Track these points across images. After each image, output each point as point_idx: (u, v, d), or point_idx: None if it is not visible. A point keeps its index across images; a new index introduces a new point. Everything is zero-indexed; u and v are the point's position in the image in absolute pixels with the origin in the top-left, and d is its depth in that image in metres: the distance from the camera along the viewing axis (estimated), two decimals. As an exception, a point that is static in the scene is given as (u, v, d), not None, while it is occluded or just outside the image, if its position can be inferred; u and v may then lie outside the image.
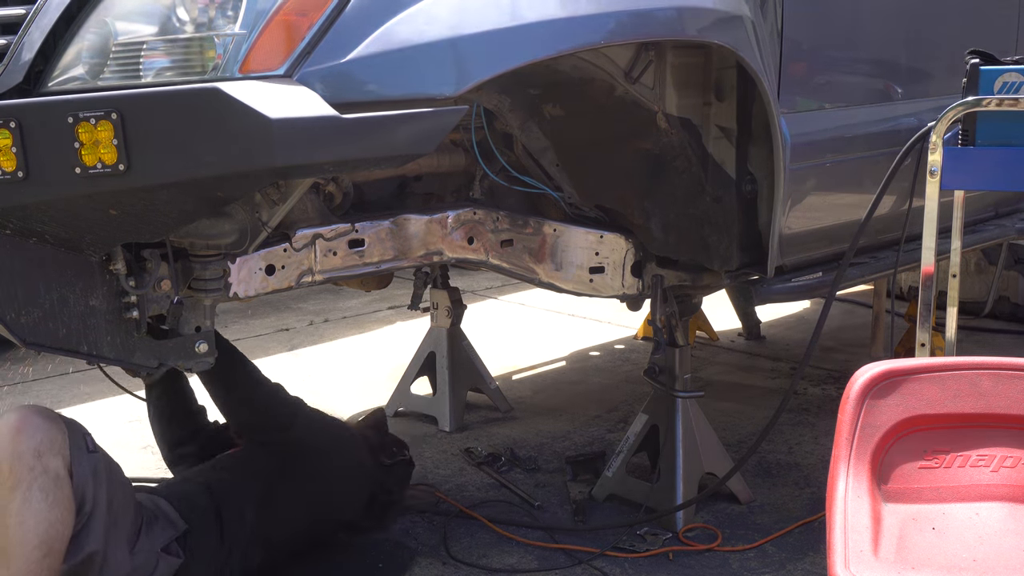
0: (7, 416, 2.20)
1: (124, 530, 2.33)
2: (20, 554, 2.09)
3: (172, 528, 2.47)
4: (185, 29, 1.95)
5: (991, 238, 3.75)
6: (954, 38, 3.33)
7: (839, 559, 1.90)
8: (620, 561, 2.88)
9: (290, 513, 2.70)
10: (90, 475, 2.23)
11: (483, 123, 2.97)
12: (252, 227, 2.42)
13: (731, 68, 2.77)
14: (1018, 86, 2.73)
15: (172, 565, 2.44)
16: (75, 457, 2.21)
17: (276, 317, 5.55)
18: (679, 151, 2.84)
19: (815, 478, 3.38)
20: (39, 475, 2.12)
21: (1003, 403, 2.08)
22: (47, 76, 1.99)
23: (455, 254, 2.96)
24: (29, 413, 2.21)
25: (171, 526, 2.48)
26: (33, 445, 2.14)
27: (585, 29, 2.28)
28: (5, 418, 2.20)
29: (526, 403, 4.15)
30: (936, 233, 2.78)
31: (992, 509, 2.02)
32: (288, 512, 2.70)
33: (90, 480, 2.22)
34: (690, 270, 3.02)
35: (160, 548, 2.42)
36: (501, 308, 5.71)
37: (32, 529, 2.10)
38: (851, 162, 3.12)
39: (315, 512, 2.76)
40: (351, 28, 1.98)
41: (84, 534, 2.21)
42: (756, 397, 4.19)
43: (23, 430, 2.16)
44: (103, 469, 2.28)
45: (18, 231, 2.06)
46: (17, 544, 2.09)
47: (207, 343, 2.40)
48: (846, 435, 2.06)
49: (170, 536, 2.46)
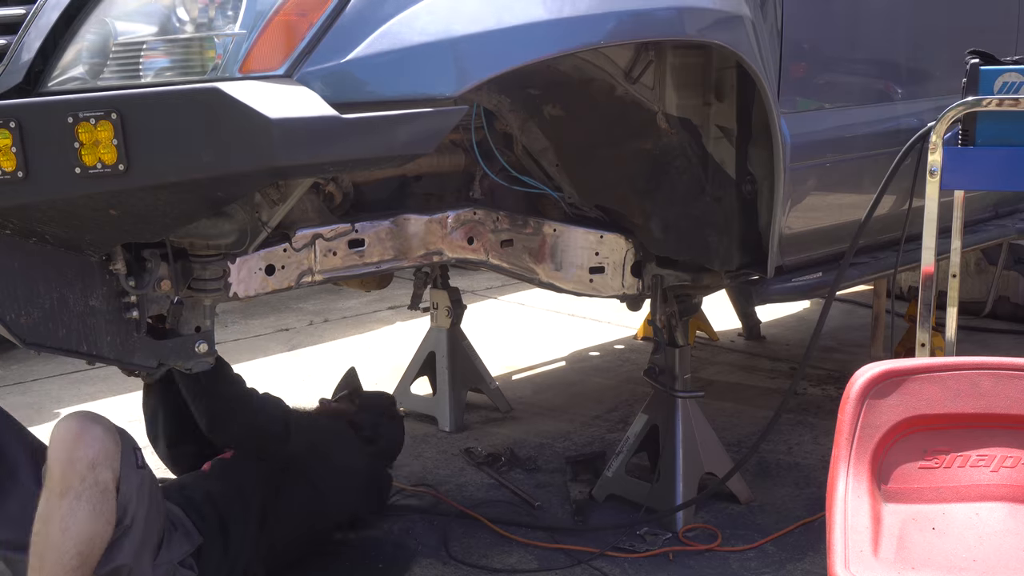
0: (68, 421, 2.20)
1: (151, 543, 2.34)
2: (56, 560, 2.10)
3: (188, 542, 2.48)
4: (185, 29, 1.95)
5: (991, 238, 3.75)
6: (954, 38, 3.33)
7: (839, 559, 1.90)
8: (620, 561, 2.88)
9: (291, 520, 2.71)
10: (135, 491, 2.23)
11: (483, 123, 2.97)
12: (252, 227, 2.42)
13: (731, 68, 2.76)
14: (1018, 86, 2.73)
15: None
16: (125, 472, 2.22)
17: (276, 317, 5.55)
18: (679, 151, 2.84)
19: (815, 478, 3.38)
20: (89, 486, 2.13)
21: (1003, 403, 2.08)
22: (47, 76, 1.99)
23: (455, 254, 2.96)
24: (89, 422, 2.20)
25: (188, 539, 2.48)
26: (90, 456, 2.14)
27: (585, 29, 2.28)
28: (66, 422, 2.19)
29: (526, 403, 4.15)
30: (936, 233, 2.78)
31: (992, 509, 2.02)
32: (289, 519, 2.70)
33: (134, 496, 2.23)
34: (690, 270, 3.02)
35: (177, 561, 2.43)
36: (501, 308, 5.71)
37: (73, 538, 2.11)
38: (851, 162, 3.12)
39: (316, 515, 2.76)
40: (351, 28, 1.97)
41: (117, 547, 2.22)
42: (756, 397, 4.19)
43: (82, 438, 2.16)
44: (147, 486, 2.28)
45: (18, 231, 2.06)
46: (55, 550, 2.10)
47: (207, 343, 2.40)
48: (846, 435, 2.06)
49: (186, 551, 2.46)
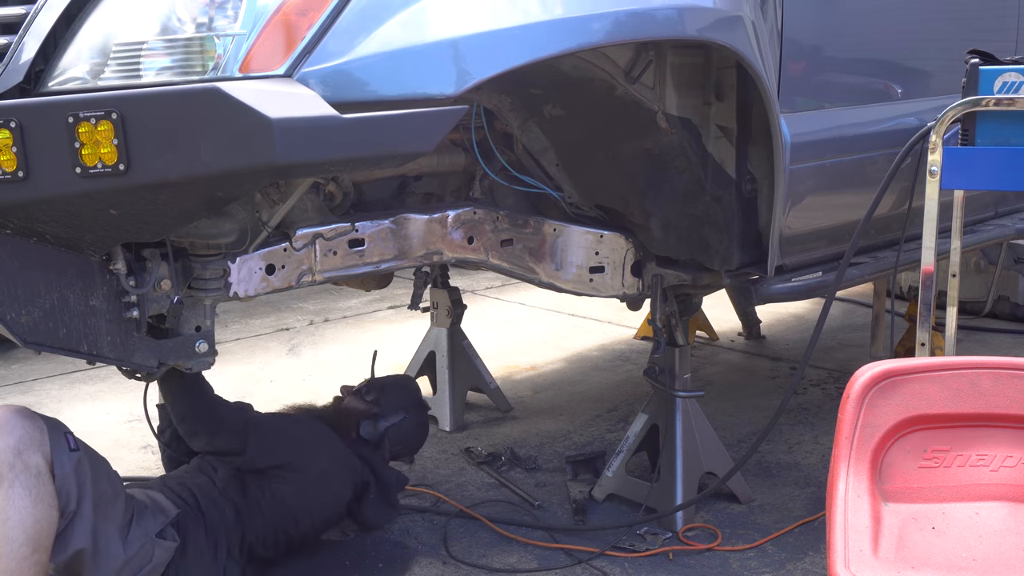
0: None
1: (114, 522, 2.33)
2: (7, 551, 2.09)
3: (163, 514, 2.49)
4: (185, 29, 1.95)
5: (991, 238, 3.75)
6: (954, 38, 3.33)
7: (839, 559, 1.90)
8: (620, 561, 2.88)
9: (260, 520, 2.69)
10: (72, 472, 2.22)
11: (483, 123, 2.97)
12: (252, 227, 2.42)
13: (731, 68, 2.77)
14: (1018, 86, 2.73)
15: (169, 549, 2.46)
16: (56, 455, 2.21)
17: (276, 317, 5.55)
18: (679, 151, 2.84)
19: (815, 478, 3.39)
20: (20, 472, 2.12)
21: (1003, 403, 2.08)
22: (47, 76, 1.99)
23: (455, 254, 2.96)
24: (6, 412, 2.20)
25: (162, 512, 2.49)
26: (12, 442, 2.14)
27: (585, 29, 2.28)
28: None
29: (526, 403, 4.15)
30: (936, 233, 2.78)
31: (992, 509, 2.02)
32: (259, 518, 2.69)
33: (72, 477, 2.22)
34: (690, 270, 3.01)
35: (154, 534, 2.43)
36: (501, 308, 5.71)
37: (17, 525, 2.10)
38: (851, 162, 3.12)
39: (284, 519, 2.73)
40: (351, 28, 1.98)
41: (70, 532, 2.21)
42: (756, 397, 4.19)
43: (2, 428, 2.15)
44: (87, 465, 2.27)
45: (18, 231, 2.06)
46: (3, 541, 2.09)
47: (207, 343, 2.40)
48: (846, 435, 2.06)
49: (162, 522, 2.47)
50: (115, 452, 3.53)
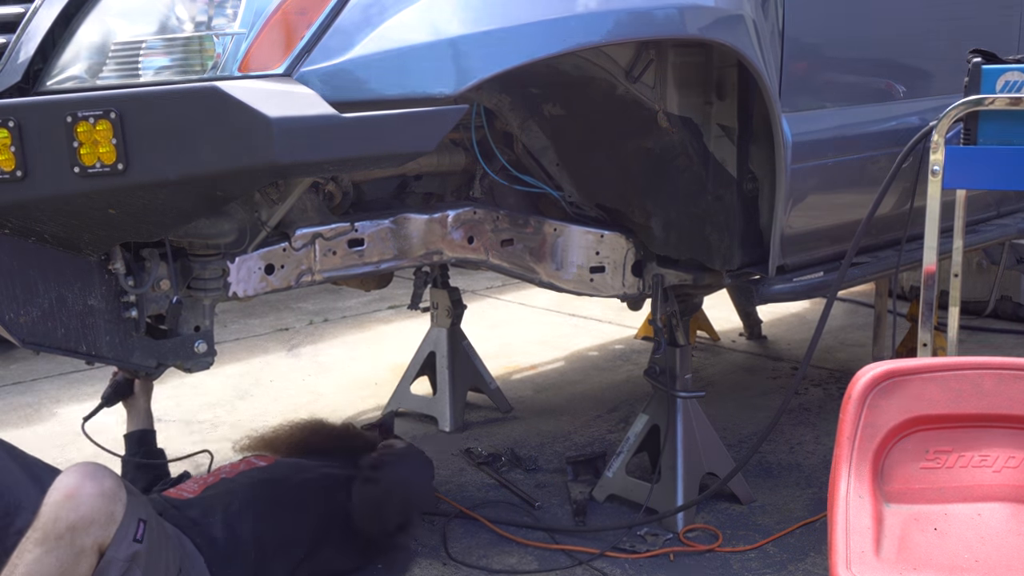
0: (71, 473, 2.13)
1: None
2: None
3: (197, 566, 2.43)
4: (184, 28, 1.95)
5: (993, 237, 3.74)
6: (956, 37, 3.32)
7: (841, 560, 1.89)
8: (620, 562, 2.88)
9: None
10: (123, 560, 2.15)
11: (483, 122, 2.96)
12: (251, 226, 2.41)
13: (732, 67, 2.76)
14: (1020, 85, 2.72)
15: None
16: (115, 542, 2.14)
17: (276, 317, 5.55)
18: (680, 150, 2.84)
19: (816, 478, 3.38)
20: (64, 546, 2.07)
21: (1005, 403, 2.07)
22: (46, 75, 1.99)
23: (455, 254, 2.95)
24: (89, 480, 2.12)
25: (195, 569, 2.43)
26: (72, 519, 2.08)
27: (585, 28, 2.27)
28: (68, 474, 2.12)
29: (526, 403, 4.14)
30: (938, 232, 2.78)
31: (994, 509, 2.02)
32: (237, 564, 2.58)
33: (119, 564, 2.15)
34: (691, 269, 3.01)
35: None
36: (501, 308, 5.70)
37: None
38: (853, 161, 3.11)
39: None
40: (351, 27, 1.97)
41: None
42: (757, 397, 4.18)
43: (73, 498, 2.09)
44: (142, 559, 2.20)
45: (17, 230, 2.05)
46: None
47: (206, 343, 2.40)
48: (848, 435, 2.06)
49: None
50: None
